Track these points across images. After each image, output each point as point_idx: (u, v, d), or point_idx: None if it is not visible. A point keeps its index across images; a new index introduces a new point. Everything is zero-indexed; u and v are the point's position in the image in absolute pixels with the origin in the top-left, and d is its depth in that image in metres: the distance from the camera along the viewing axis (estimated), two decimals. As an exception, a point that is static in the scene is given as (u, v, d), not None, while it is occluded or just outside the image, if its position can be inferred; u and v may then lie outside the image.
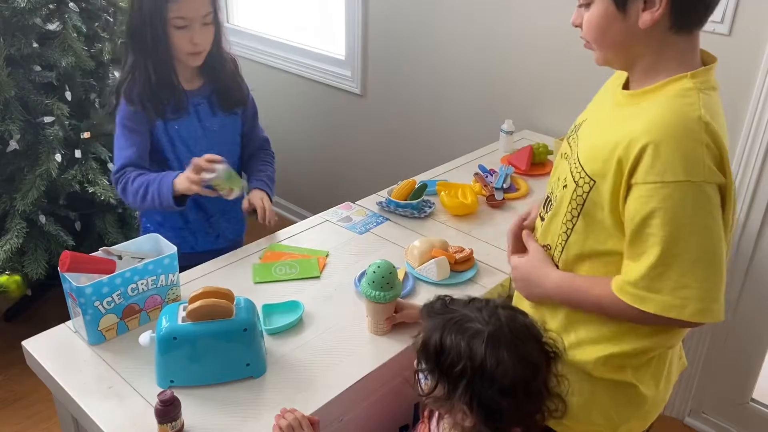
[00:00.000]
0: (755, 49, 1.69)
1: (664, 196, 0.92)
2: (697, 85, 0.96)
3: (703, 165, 0.91)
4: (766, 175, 1.76)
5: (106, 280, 1.19)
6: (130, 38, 1.52)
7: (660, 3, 0.93)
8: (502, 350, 0.91)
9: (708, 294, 0.95)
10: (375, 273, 1.21)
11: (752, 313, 1.92)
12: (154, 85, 1.51)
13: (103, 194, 2.07)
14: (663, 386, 1.16)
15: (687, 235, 0.93)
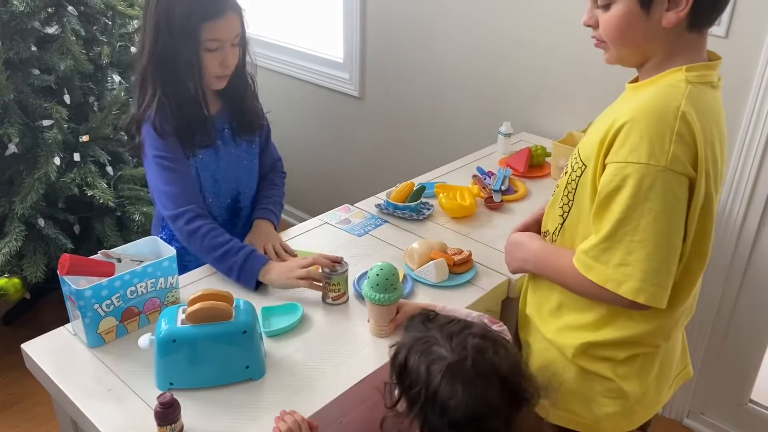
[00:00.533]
0: (752, 51, 1.69)
1: (626, 176, 0.96)
2: (690, 77, 0.98)
3: (668, 152, 0.94)
4: (763, 177, 1.77)
5: (106, 282, 1.19)
6: (154, 65, 1.40)
7: (686, 2, 0.95)
8: (457, 384, 0.89)
9: (648, 276, 0.98)
10: (378, 275, 1.21)
11: (750, 314, 1.92)
12: (185, 115, 1.43)
13: (102, 197, 2.08)
14: (652, 388, 1.16)
15: (638, 217, 0.96)
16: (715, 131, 0.99)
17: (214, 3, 1.37)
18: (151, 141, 1.43)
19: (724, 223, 1.86)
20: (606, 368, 1.12)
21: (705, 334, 2.01)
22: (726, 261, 1.89)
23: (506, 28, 2.20)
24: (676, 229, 0.98)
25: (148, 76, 1.42)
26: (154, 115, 1.41)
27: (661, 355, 1.16)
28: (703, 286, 1.94)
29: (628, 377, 1.13)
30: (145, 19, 1.40)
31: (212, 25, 1.37)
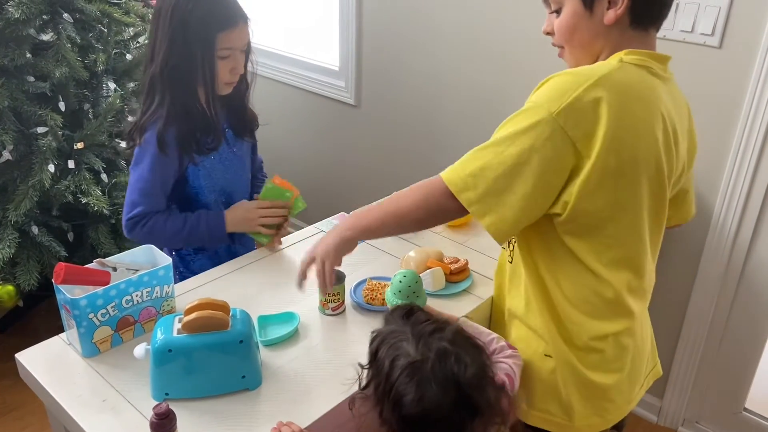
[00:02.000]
0: (745, 61, 1.71)
1: (526, 110, 1.03)
2: (625, 58, 1.05)
3: (564, 107, 0.98)
4: (757, 185, 1.78)
5: (101, 291, 1.18)
6: (167, 74, 1.43)
7: (622, 1, 1.03)
8: (413, 382, 0.90)
9: (487, 192, 1.02)
10: (401, 282, 1.22)
11: (744, 323, 1.93)
12: (193, 122, 1.47)
13: (97, 205, 2.07)
14: (625, 384, 1.18)
15: (509, 144, 1.02)
16: (643, 114, 1.03)
17: (229, 14, 1.43)
18: (149, 148, 1.46)
19: (719, 231, 1.87)
20: (577, 362, 1.14)
21: (700, 343, 2.01)
22: (720, 269, 1.90)
23: (502, 35, 2.21)
24: (536, 168, 1.00)
25: (157, 85, 1.45)
26: (160, 123, 1.45)
27: (632, 350, 1.18)
28: (697, 294, 1.96)
29: (598, 369, 1.15)
30: (156, 29, 1.44)
31: (227, 34, 1.43)
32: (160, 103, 1.46)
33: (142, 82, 1.51)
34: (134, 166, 1.50)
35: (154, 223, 1.48)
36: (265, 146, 3.29)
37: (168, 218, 1.50)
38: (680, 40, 1.77)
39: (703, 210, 1.88)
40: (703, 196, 1.87)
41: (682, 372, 2.07)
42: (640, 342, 1.21)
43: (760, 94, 1.69)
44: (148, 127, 1.46)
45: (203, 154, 1.52)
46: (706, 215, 1.88)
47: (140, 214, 1.48)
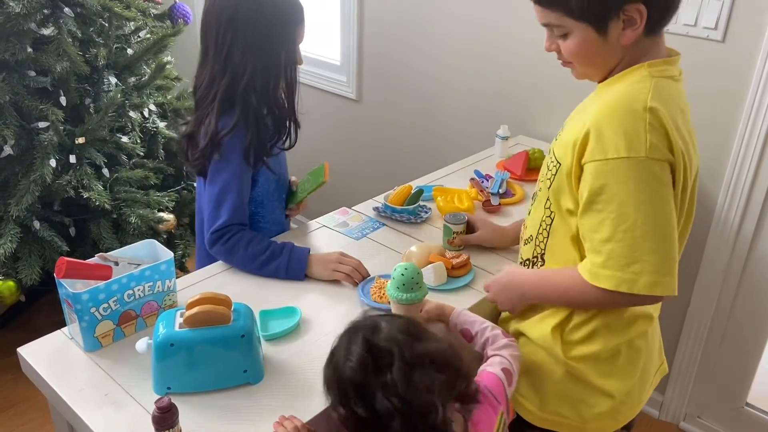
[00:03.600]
0: (748, 54, 1.70)
1: (609, 173, 0.97)
2: (652, 72, 1.02)
3: (646, 141, 0.95)
4: (760, 179, 1.77)
5: (103, 286, 1.18)
6: (248, 85, 1.40)
7: (640, 20, 0.99)
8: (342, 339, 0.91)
9: (658, 267, 0.97)
10: (403, 275, 1.21)
11: (747, 317, 1.93)
12: (277, 124, 1.50)
13: (98, 199, 2.06)
14: (637, 387, 1.18)
15: (633, 210, 0.96)
16: (680, 120, 1.02)
17: (298, 7, 1.46)
18: (231, 161, 1.43)
19: (722, 225, 1.87)
20: (591, 368, 1.14)
21: (702, 337, 2.01)
22: (723, 263, 1.90)
23: (504, 32, 2.20)
24: (670, 214, 0.99)
25: (237, 97, 1.41)
26: (243, 136, 1.42)
27: (644, 352, 1.17)
28: (700, 289, 1.96)
29: (612, 375, 1.14)
30: (229, 42, 1.38)
31: (300, 29, 1.46)
32: (241, 115, 1.41)
33: (202, 93, 1.45)
34: (212, 179, 1.45)
35: (237, 242, 1.43)
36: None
37: (252, 240, 1.44)
38: (684, 33, 1.76)
39: (706, 203, 1.88)
40: (706, 189, 1.87)
41: (684, 367, 2.07)
42: (651, 343, 1.21)
43: (764, 87, 1.68)
44: (227, 141, 1.41)
45: (275, 154, 1.53)
46: (708, 208, 1.88)
47: (225, 226, 1.43)
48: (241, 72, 1.39)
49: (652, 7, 0.98)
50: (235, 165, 1.43)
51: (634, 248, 0.97)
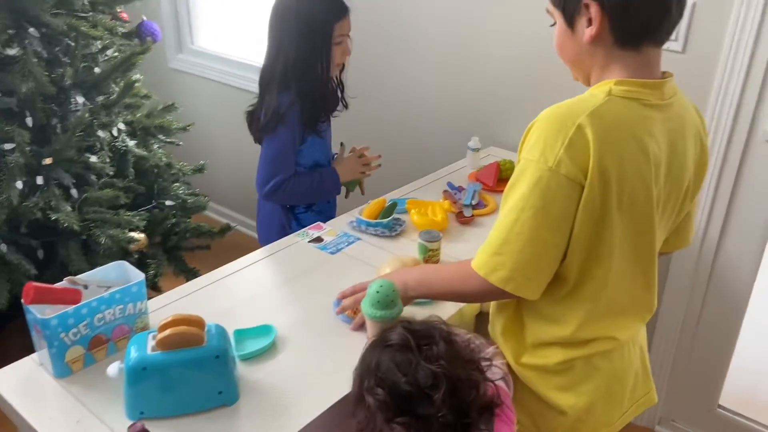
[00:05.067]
0: (708, 65, 1.75)
1: (523, 170, 1.00)
2: (614, 90, 1.00)
3: (557, 155, 0.96)
4: (723, 184, 1.82)
5: (72, 311, 1.16)
6: (297, 67, 1.70)
7: (595, 21, 0.99)
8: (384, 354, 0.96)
9: (518, 266, 1.02)
10: (378, 293, 1.21)
11: (716, 321, 1.97)
12: (321, 101, 1.79)
13: (67, 221, 2.03)
14: (598, 407, 1.16)
15: (520, 210, 1.00)
16: (634, 147, 0.99)
17: (340, 5, 1.73)
18: (290, 128, 1.75)
19: (689, 232, 1.91)
20: (541, 379, 1.14)
21: (673, 343, 2.05)
22: (690, 270, 1.94)
23: (473, 44, 2.23)
24: (555, 227, 1.00)
25: (290, 78, 1.72)
26: (298, 107, 1.73)
27: (606, 373, 1.16)
28: (669, 294, 1.99)
29: (566, 390, 1.14)
30: (281, 32, 1.71)
31: (341, 23, 1.73)
32: (297, 88, 1.72)
33: (264, 77, 1.78)
34: (270, 143, 1.79)
35: (291, 186, 1.80)
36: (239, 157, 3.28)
37: (297, 180, 1.81)
38: (645, 45, 1.80)
39: (673, 211, 1.92)
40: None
41: (657, 371, 2.10)
42: (621, 367, 1.18)
43: (723, 95, 1.73)
44: (287, 110, 1.72)
45: (322, 128, 1.83)
46: (675, 216, 1.92)
47: (279, 181, 1.78)
48: (290, 59, 1.70)
49: (609, 10, 0.98)
50: (291, 132, 1.76)
51: (507, 242, 1.02)
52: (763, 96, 1.69)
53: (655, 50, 1.03)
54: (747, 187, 1.79)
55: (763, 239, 1.82)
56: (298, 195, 1.84)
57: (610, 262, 1.05)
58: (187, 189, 2.57)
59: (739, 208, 1.82)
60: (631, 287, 1.12)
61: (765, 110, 1.70)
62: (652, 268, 1.13)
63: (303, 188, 1.83)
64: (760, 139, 1.73)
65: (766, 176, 1.75)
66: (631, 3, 0.97)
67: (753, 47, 1.65)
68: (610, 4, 0.97)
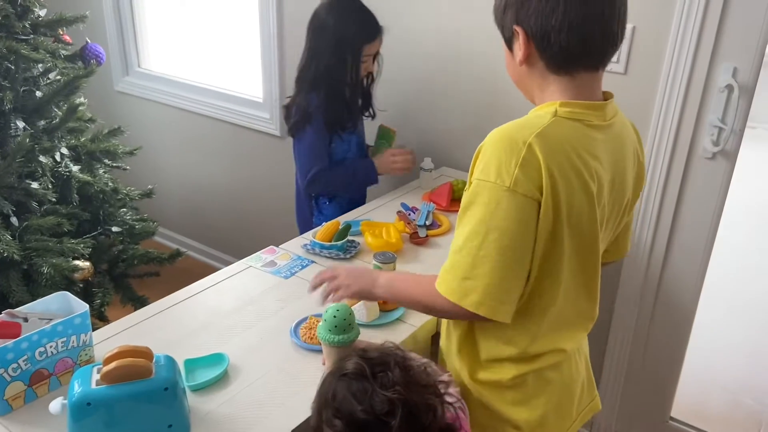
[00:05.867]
0: (649, 85, 1.81)
1: (478, 193, 1.00)
2: (559, 111, 1.02)
3: (512, 174, 0.97)
4: (666, 204, 1.88)
5: (11, 345, 1.10)
6: (327, 74, 1.91)
7: (522, 46, 1.03)
8: None
9: (489, 290, 1.01)
10: (336, 317, 1.19)
11: (664, 334, 2.02)
12: (345, 106, 1.96)
13: (6, 250, 1.94)
14: (551, 420, 1.17)
15: (484, 231, 1.00)
16: (580, 167, 1.01)
17: (371, 30, 1.92)
18: (316, 126, 1.95)
19: (635, 244, 1.96)
20: (496, 395, 1.14)
21: (624, 356, 2.09)
22: (639, 283, 1.99)
23: (423, 68, 2.26)
24: (520, 247, 1.00)
25: (321, 81, 1.92)
26: (323, 108, 1.93)
27: (557, 385, 1.17)
28: (619, 310, 2.04)
29: (520, 404, 1.14)
30: (316, 41, 1.91)
31: (369, 45, 1.92)
32: (324, 92, 1.92)
33: (300, 76, 1.98)
34: (301, 138, 1.99)
35: (328, 178, 2.00)
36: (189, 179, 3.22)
37: (333, 172, 2.00)
38: (589, 67, 1.86)
39: (621, 227, 1.97)
40: (619, 214, 1.96)
41: (610, 385, 2.14)
42: (569, 377, 1.20)
43: (665, 115, 1.80)
44: (314, 110, 1.92)
45: (346, 130, 2.01)
46: (623, 232, 1.97)
47: (315, 172, 1.97)
48: (320, 65, 1.91)
49: (533, 37, 1.01)
50: (317, 129, 1.95)
51: (474, 266, 1.01)
52: (702, 114, 1.76)
53: (590, 75, 1.05)
54: (690, 202, 1.85)
55: (706, 253, 1.88)
56: (336, 184, 2.04)
57: (560, 278, 1.07)
58: (134, 214, 2.50)
59: (683, 223, 1.88)
60: (575, 300, 1.14)
61: (704, 128, 1.77)
62: (595, 281, 1.16)
63: (339, 178, 2.02)
64: (700, 156, 1.80)
65: (707, 192, 1.82)
66: (549, 32, 0.99)
67: (691, 68, 1.73)
68: (532, 31, 1.01)
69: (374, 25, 1.92)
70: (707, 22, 1.67)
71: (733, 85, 1.69)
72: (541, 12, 0.98)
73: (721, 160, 1.77)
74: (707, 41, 1.69)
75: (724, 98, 1.71)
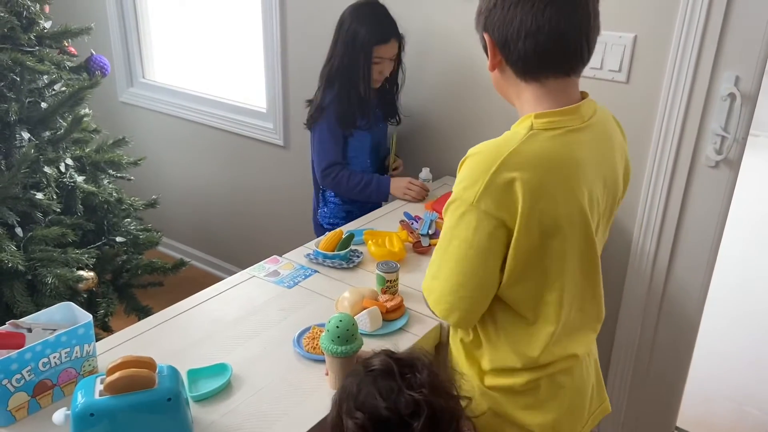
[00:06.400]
0: (652, 94, 1.81)
1: (452, 202, 1.07)
2: (535, 124, 1.04)
3: (477, 192, 1.01)
4: (670, 213, 1.87)
5: (15, 355, 1.10)
6: (341, 71, 2.00)
7: (490, 53, 1.07)
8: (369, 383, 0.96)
9: (444, 293, 1.11)
10: (338, 328, 1.19)
11: (669, 344, 2.01)
12: (357, 104, 2.03)
13: (11, 261, 1.95)
14: (564, 424, 1.18)
15: (450, 239, 1.07)
16: (560, 181, 1.02)
17: (384, 32, 1.99)
18: (325, 121, 2.05)
19: (638, 259, 1.95)
20: (509, 400, 1.15)
21: (629, 367, 2.08)
22: (642, 294, 1.98)
23: (424, 79, 2.27)
24: (475, 259, 1.05)
25: (335, 77, 2.02)
26: (336, 103, 2.02)
27: (569, 389, 1.19)
28: (623, 321, 2.03)
29: (533, 408, 1.15)
30: (337, 38, 2.00)
31: (380, 47, 1.98)
32: (338, 91, 2.02)
33: (321, 75, 2.07)
34: (315, 132, 2.09)
35: (341, 177, 2.08)
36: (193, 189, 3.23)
37: (351, 175, 2.08)
38: (591, 76, 1.87)
39: (624, 236, 1.97)
40: (621, 225, 1.96)
41: (615, 395, 2.13)
42: (581, 381, 1.21)
43: (667, 123, 1.80)
44: (328, 107, 2.03)
45: (358, 129, 2.08)
46: (626, 241, 1.97)
47: (330, 163, 2.07)
48: (335, 64, 2.01)
49: (497, 45, 1.05)
50: (329, 124, 2.05)
51: (439, 267, 1.11)
52: (705, 122, 1.76)
53: (561, 80, 1.05)
54: (693, 212, 1.85)
55: (710, 262, 1.88)
56: (345, 187, 2.10)
57: (561, 285, 1.09)
58: (138, 224, 2.51)
59: (687, 233, 1.88)
60: (581, 303, 1.16)
61: (707, 136, 1.77)
62: (597, 279, 1.17)
63: (351, 183, 2.08)
64: (703, 164, 1.80)
65: (710, 200, 1.82)
66: (509, 40, 1.03)
67: (693, 76, 1.73)
68: (494, 38, 1.05)
69: (387, 28, 1.99)
70: (709, 30, 1.67)
71: (736, 93, 1.69)
72: (502, 21, 1.02)
73: (724, 169, 1.77)
74: (709, 50, 1.69)
75: (726, 107, 1.71)
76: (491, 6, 1.04)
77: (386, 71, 2.05)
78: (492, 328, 1.14)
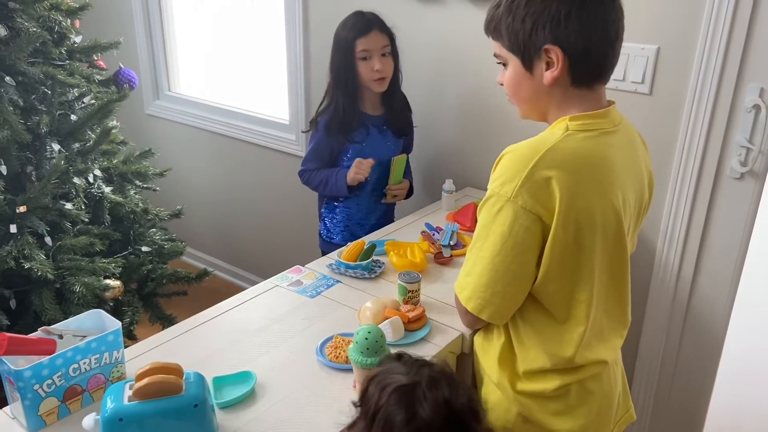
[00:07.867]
0: (675, 105, 1.81)
1: (487, 198, 1.09)
2: (570, 126, 1.07)
3: (516, 187, 1.02)
4: (694, 226, 1.85)
5: (46, 361, 1.13)
6: (334, 79, 1.99)
7: (557, 65, 1.06)
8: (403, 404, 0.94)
9: (477, 289, 1.12)
10: (367, 339, 1.21)
11: (694, 358, 1.98)
12: (344, 114, 1.98)
13: (40, 269, 1.99)
14: (591, 427, 1.19)
15: (484, 234, 1.10)
16: (595, 180, 1.05)
17: (364, 23, 1.93)
18: (319, 128, 2.05)
19: (662, 271, 1.94)
20: (540, 406, 1.16)
21: (653, 380, 2.05)
22: (666, 308, 1.96)
23: (445, 91, 2.28)
24: (511, 253, 1.06)
25: (331, 88, 2.01)
26: (328, 113, 2.01)
27: (598, 395, 1.19)
28: (647, 335, 2.01)
29: (563, 414, 1.16)
30: (332, 50, 1.98)
31: (362, 39, 1.92)
32: (330, 101, 2.01)
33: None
34: (310, 140, 2.12)
35: (310, 178, 2.11)
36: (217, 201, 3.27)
37: (316, 173, 2.09)
38: (613, 88, 1.87)
39: (648, 249, 1.95)
40: (645, 237, 1.94)
41: (639, 410, 2.10)
42: (609, 387, 1.22)
43: (691, 135, 1.79)
44: (320, 117, 2.04)
45: (351, 141, 2.04)
46: (649, 254, 1.95)
47: (304, 170, 2.12)
48: (333, 72, 1.99)
49: (571, 55, 1.05)
50: (319, 134, 2.06)
51: (474, 264, 1.12)
52: (729, 134, 1.75)
53: (602, 86, 1.12)
54: (718, 225, 1.83)
55: (736, 275, 1.85)
56: (313, 186, 2.14)
57: (591, 285, 1.10)
58: (163, 234, 2.55)
59: (712, 246, 1.86)
60: (605, 305, 1.16)
61: (731, 148, 1.75)
62: (625, 282, 1.19)
63: (315, 181, 2.11)
64: (728, 176, 1.78)
65: (735, 213, 1.80)
66: (590, 48, 1.05)
67: (717, 88, 1.72)
68: (572, 49, 1.04)
69: (367, 20, 1.94)
70: (733, 42, 1.67)
71: (761, 105, 1.67)
72: (581, 30, 1.03)
73: (749, 181, 1.76)
74: (733, 61, 1.68)
75: (751, 118, 1.70)
76: (560, 18, 1.02)
77: (380, 66, 1.94)
78: (522, 327, 1.16)
